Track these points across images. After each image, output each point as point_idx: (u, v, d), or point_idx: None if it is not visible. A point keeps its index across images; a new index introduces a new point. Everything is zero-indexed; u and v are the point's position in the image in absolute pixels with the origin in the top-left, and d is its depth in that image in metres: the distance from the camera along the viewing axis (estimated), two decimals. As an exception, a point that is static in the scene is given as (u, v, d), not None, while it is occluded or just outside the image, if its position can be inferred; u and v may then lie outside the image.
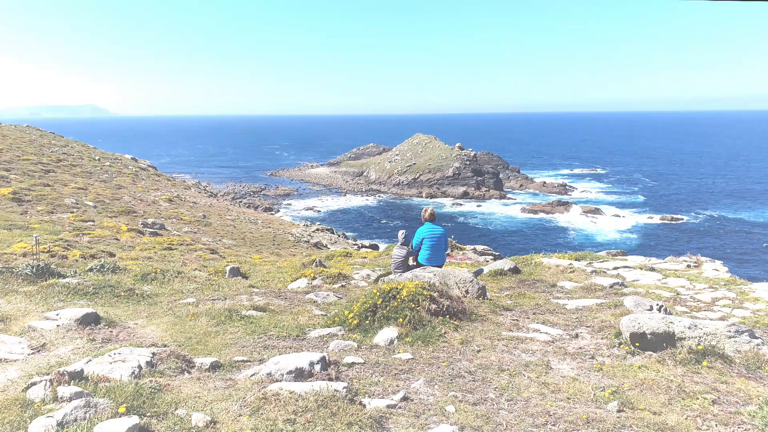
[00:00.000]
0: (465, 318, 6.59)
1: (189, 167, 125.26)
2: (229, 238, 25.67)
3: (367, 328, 6.21)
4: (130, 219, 25.25)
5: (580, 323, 6.71)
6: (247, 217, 34.44)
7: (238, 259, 16.79)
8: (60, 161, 34.05)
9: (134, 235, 20.97)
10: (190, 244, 19.08)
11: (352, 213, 77.64)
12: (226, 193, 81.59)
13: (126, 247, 16.04)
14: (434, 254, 9.43)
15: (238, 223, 30.86)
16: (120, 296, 8.17)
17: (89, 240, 16.29)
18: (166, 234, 23.42)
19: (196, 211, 31.54)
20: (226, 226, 28.79)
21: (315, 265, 11.64)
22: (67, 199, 24.77)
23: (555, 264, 10.89)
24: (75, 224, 20.31)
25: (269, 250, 24.00)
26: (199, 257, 16.20)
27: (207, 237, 24.36)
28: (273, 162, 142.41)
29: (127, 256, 13.07)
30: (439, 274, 8.09)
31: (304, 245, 27.17)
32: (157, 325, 6.75)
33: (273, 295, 8.73)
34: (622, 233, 63.52)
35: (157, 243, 18.07)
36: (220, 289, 9.36)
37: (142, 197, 31.61)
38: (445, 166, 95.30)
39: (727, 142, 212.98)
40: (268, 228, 31.44)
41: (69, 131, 59.69)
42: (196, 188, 60.01)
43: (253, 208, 66.07)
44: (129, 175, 39.29)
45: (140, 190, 34.34)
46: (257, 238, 26.41)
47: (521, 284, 9.51)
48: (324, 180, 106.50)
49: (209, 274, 11.43)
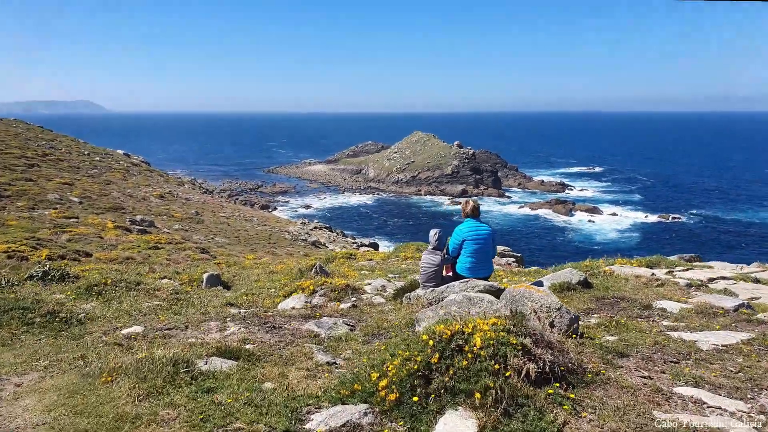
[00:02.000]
0: (574, 379, 4.02)
1: (185, 164, 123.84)
2: (223, 236, 24.45)
3: (415, 411, 3.50)
4: (117, 216, 24.00)
5: (753, 384, 4.28)
6: (242, 215, 33.21)
7: (230, 259, 15.61)
8: (46, 155, 32.72)
9: (120, 232, 19.74)
10: (180, 243, 17.87)
11: (350, 211, 76.53)
12: (222, 190, 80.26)
13: (107, 246, 14.81)
14: (479, 262, 7.10)
15: (233, 220, 29.63)
16: (32, 323, 5.97)
17: (69, 238, 15.08)
18: (156, 232, 22.19)
19: (188, 208, 30.29)
20: (219, 223, 27.57)
21: (315, 272, 9.72)
22: (51, 195, 23.50)
23: (632, 274, 8.42)
24: (57, 221, 19.07)
25: (265, 249, 22.81)
26: (188, 257, 15.00)
27: (199, 235, 23.14)
28: (270, 159, 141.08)
29: (105, 257, 11.86)
30: (506, 297, 5.53)
31: (302, 244, 25.99)
32: (43, 393, 4.24)
33: (257, 322, 6.41)
34: (622, 232, 62.76)
35: (144, 242, 16.87)
36: (186, 309, 7.26)
37: (132, 193, 30.35)
38: (444, 164, 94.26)
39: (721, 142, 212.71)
40: (264, 226, 30.24)
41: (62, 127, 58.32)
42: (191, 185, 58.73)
43: (249, 206, 64.81)
44: (119, 171, 37.98)
45: (130, 185, 33.06)
46: (252, 237, 25.20)
47: (602, 304, 7.06)
48: (322, 177, 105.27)
49: (181, 283, 9.41)
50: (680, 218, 68.95)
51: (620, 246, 56.84)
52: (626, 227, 65.57)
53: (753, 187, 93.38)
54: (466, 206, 7.38)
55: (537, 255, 47.46)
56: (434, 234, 7.23)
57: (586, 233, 63.02)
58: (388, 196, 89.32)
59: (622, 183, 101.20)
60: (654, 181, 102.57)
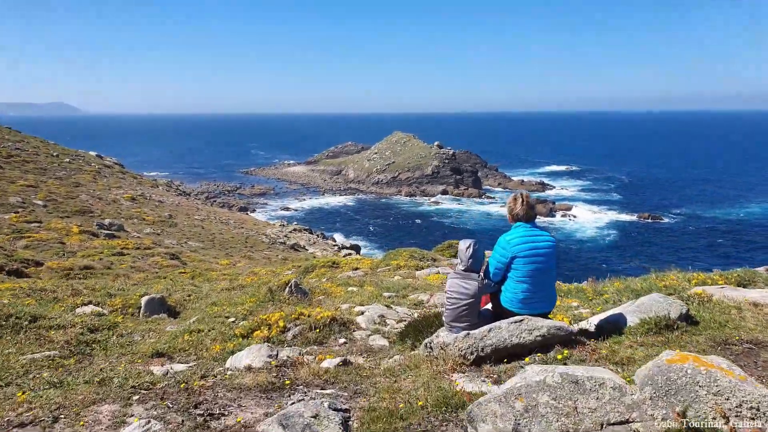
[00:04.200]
0: None
1: (161, 166, 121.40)
2: (197, 240, 23.50)
3: None
4: (84, 220, 22.89)
5: None
6: (218, 217, 32.21)
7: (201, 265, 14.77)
8: (11, 157, 31.31)
9: (86, 237, 18.70)
10: (149, 248, 16.94)
11: (330, 212, 75.68)
12: (199, 193, 78.65)
13: (66, 252, 13.85)
14: (537, 290, 4.62)
15: (208, 223, 28.63)
16: None
17: (26, 245, 14.08)
18: (125, 236, 21.17)
19: (161, 211, 29.21)
20: (193, 226, 26.57)
21: (289, 292, 7.69)
22: (13, 198, 22.29)
23: (743, 300, 5.38)
24: (16, 226, 17.97)
25: (241, 254, 21.95)
26: (155, 264, 14.12)
27: (171, 239, 22.17)
28: (249, 161, 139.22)
29: (59, 266, 10.93)
30: (654, 382, 2.92)
31: (280, 247, 25.16)
32: None
33: (181, 405, 3.89)
34: (601, 231, 63.26)
35: (109, 247, 15.91)
36: (85, 369, 4.95)
37: (102, 196, 29.15)
38: (424, 165, 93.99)
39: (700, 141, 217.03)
40: (241, 229, 29.30)
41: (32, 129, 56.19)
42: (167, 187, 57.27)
43: (227, 208, 63.54)
44: (90, 173, 36.61)
45: (101, 188, 31.81)
46: (228, 240, 24.29)
47: (736, 356, 4.14)
48: (301, 179, 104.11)
49: (112, 310, 7.39)
50: (661, 218, 69.68)
51: (599, 244, 57.31)
52: (605, 225, 66.15)
53: (733, 184, 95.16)
54: (515, 204, 4.73)
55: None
56: (467, 247, 4.70)
57: (566, 232, 63.34)
58: (368, 197, 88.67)
59: (602, 182, 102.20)
60: (633, 180, 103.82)
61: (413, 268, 11.71)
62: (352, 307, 7.29)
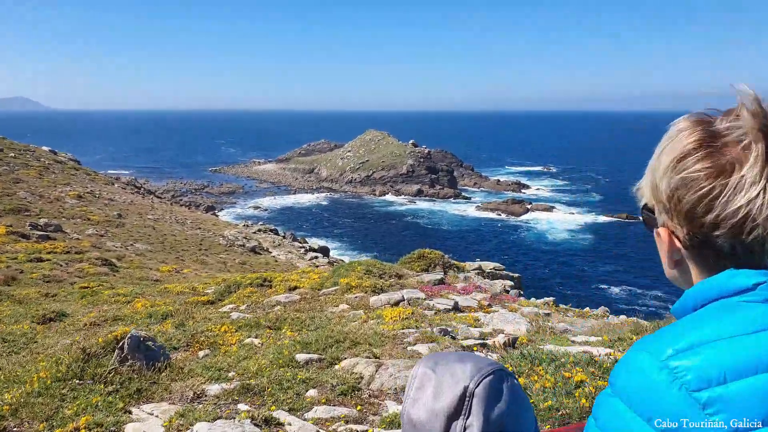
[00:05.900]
0: None
1: (126, 164, 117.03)
2: (145, 242, 21.25)
3: None
4: (17, 219, 20.43)
5: None
6: (174, 217, 29.84)
7: (137, 273, 12.68)
8: (-58, 150, 28.40)
9: (11, 239, 16.36)
10: (79, 252, 14.73)
11: (301, 212, 73.45)
12: (165, 191, 75.29)
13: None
14: None
15: (161, 223, 26.29)
16: None
17: None
18: (61, 237, 18.83)
19: (110, 210, 26.74)
20: (144, 227, 24.26)
21: (120, 359, 4.55)
22: (-69, 195, 19.72)
23: None
24: (-75, 227, 15.55)
25: (193, 258, 19.82)
26: (81, 271, 11.98)
27: (114, 241, 19.89)
28: (218, 158, 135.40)
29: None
30: None
31: (239, 250, 23.07)
32: None
33: None
34: (575, 232, 62.66)
35: (30, 251, 13.67)
36: None
37: (44, 193, 26.56)
38: (399, 164, 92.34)
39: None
40: (197, 229, 27.05)
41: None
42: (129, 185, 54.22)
43: (194, 207, 60.66)
44: (36, 168, 33.77)
45: (45, 184, 29.14)
46: (180, 242, 22.09)
47: None
48: (272, 177, 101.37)
49: None
50: (638, 218, 69.62)
51: (574, 246, 56.63)
52: (580, 226, 65.65)
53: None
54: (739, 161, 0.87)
55: (493, 255, 45.97)
56: (452, 401, 1.00)
57: (539, 232, 62.75)
58: (341, 196, 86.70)
59: (579, 182, 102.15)
60: (610, 180, 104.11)
61: (369, 290, 9.04)
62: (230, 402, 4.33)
